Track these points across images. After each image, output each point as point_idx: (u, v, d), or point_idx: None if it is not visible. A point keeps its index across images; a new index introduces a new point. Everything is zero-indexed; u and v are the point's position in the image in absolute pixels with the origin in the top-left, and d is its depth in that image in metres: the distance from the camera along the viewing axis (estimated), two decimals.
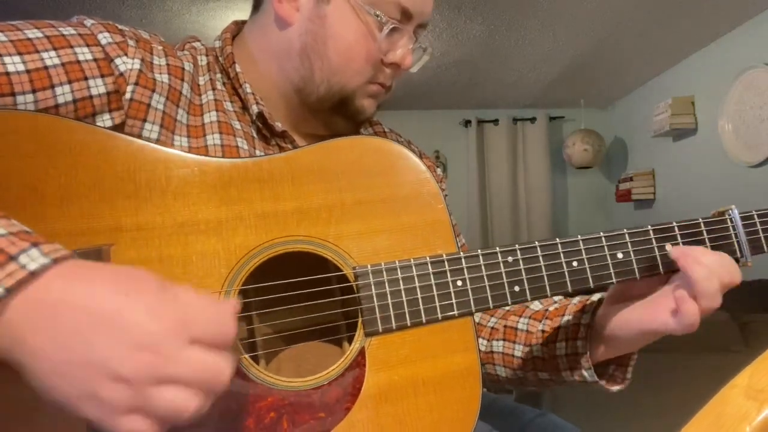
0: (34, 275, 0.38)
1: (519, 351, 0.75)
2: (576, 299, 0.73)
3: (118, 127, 0.60)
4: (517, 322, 0.77)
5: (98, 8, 2.50)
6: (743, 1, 2.61)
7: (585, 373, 0.68)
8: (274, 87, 0.72)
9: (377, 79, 0.72)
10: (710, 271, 0.59)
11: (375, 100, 0.74)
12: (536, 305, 0.78)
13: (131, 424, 0.38)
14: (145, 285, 0.40)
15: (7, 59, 0.53)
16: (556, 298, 0.77)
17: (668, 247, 0.63)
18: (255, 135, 0.70)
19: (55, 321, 0.38)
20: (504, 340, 0.77)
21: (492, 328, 0.79)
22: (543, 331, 0.73)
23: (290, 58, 0.70)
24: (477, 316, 0.81)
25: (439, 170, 0.88)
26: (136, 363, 0.37)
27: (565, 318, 0.71)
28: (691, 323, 0.59)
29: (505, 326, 0.78)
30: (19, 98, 0.54)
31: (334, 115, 0.73)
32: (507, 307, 0.79)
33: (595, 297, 0.71)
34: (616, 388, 0.69)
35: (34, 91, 0.54)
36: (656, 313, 0.62)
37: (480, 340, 0.80)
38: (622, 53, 3.23)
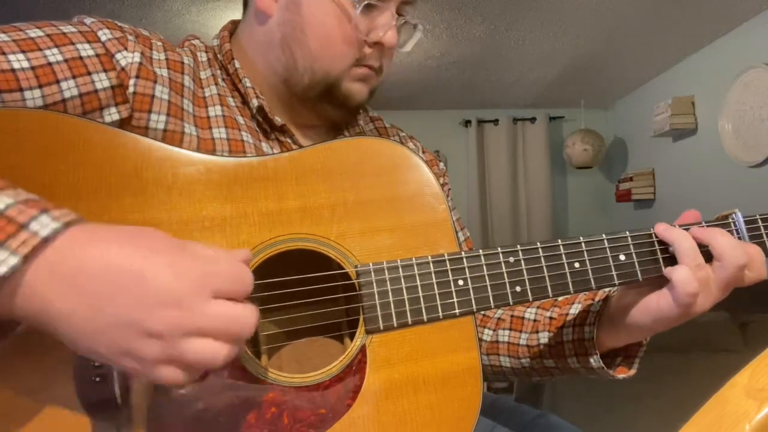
0: (47, 241, 0.39)
1: (524, 339, 0.75)
2: None
3: (126, 121, 0.61)
4: (525, 311, 0.77)
5: (98, 8, 2.50)
6: (743, 1, 2.61)
7: (591, 360, 0.67)
8: (265, 81, 0.73)
9: (363, 62, 0.70)
10: (684, 233, 0.61)
11: (365, 83, 0.72)
12: None
13: (167, 373, 0.40)
14: (162, 243, 0.42)
15: (11, 57, 0.54)
16: None
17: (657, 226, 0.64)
18: (257, 129, 0.71)
19: (78, 286, 0.39)
20: (510, 329, 0.77)
21: (498, 318, 0.79)
22: (551, 318, 0.73)
23: (273, 50, 0.71)
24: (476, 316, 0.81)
25: (441, 164, 0.88)
26: (165, 319, 0.39)
27: (575, 305, 0.71)
28: (687, 291, 0.58)
29: (512, 316, 0.78)
30: (27, 93, 0.54)
31: (324, 103, 0.72)
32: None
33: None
34: (621, 375, 0.68)
35: (40, 86, 0.55)
36: (659, 294, 0.61)
37: (486, 330, 0.80)
38: (622, 53, 3.23)
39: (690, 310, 0.60)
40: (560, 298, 0.75)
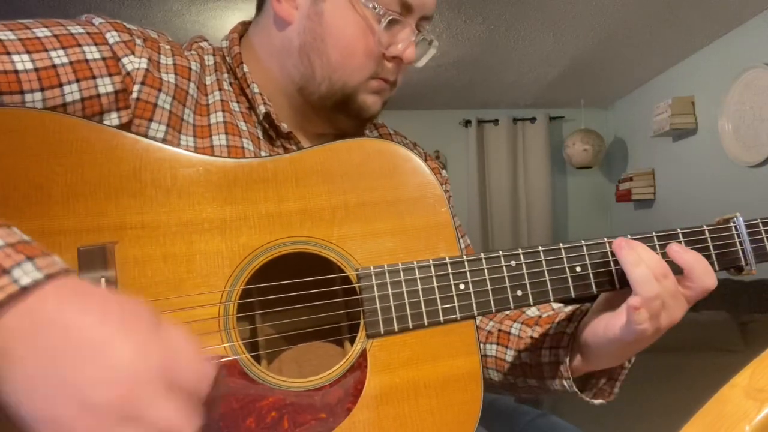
0: (25, 290, 0.37)
1: (510, 356, 0.74)
2: (569, 307, 0.72)
3: (125, 126, 0.60)
4: (511, 326, 0.76)
5: (98, 8, 2.50)
6: (743, 1, 2.61)
7: (564, 383, 0.66)
8: (278, 87, 0.72)
9: (380, 75, 0.70)
10: (639, 256, 0.58)
11: (379, 96, 0.73)
12: (532, 311, 0.76)
13: None
14: (139, 320, 0.40)
15: (15, 57, 0.53)
16: (555, 305, 0.75)
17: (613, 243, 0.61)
18: (261, 136, 0.70)
19: (43, 335, 0.37)
20: (497, 344, 0.76)
21: (488, 332, 0.79)
22: (532, 338, 0.72)
23: (291, 57, 0.70)
24: (476, 319, 0.81)
25: (444, 172, 0.88)
26: (110, 395, 0.37)
27: (554, 325, 0.70)
28: (638, 319, 0.56)
29: (499, 330, 0.77)
30: (28, 96, 0.54)
31: (338, 113, 0.72)
32: (507, 312, 0.78)
33: (585, 305, 0.69)
34: (598, 401, 0.67)
35: (42, 90, 0.54)
36: (617, 318, 0.59)
37: None
38: (622, 53, 3.23)
39: (638, 332, 0.57)
40: (544, 315, 0.74)
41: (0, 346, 0.37)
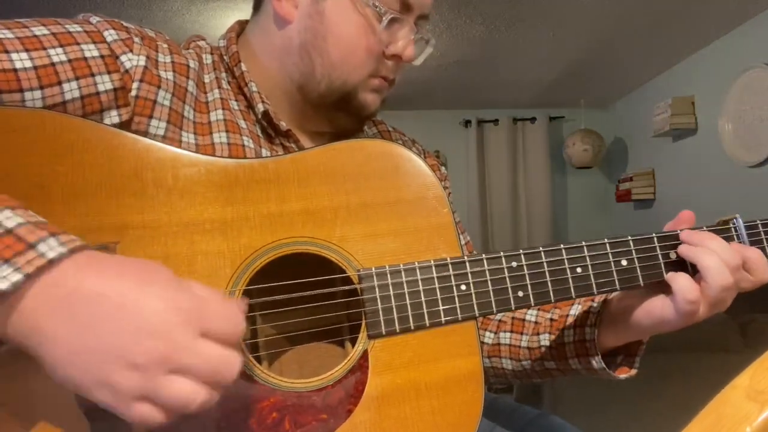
0: (52, 263, 0.39)
1: (525, 341, 0.75)
2: None
3: (126, 124, 0.60)
4: (525, 313, 0.77)
5: (98, 8, 2.50)
6: (743, 1, 2.61)
7: (592, 360, 0.68)
8: (277, 85, 0.72)
9: (379, 73, 0.71)
10: (709, 247, 0.61)
11: (378, 94, 0.73)
12: None
13: (141, 410, 0.39)
14: (159, 276, 0.41)
15: (14, 56, 0.54)
16: None
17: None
18: (259, 134, 0.70)
19: (71, 308, 0.39)
20: (511, 332, 0.77)
21: (500, 320, 0.79)
22: (552, 320, 0.74)
23: (290, 56, 0.70)
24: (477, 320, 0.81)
25: (443, 169, 0.88)
26: (149, 351, 0.38)
27: (575, 306, 0.72)
28: (687, 298, 0.59)
29: (513, 318, 0.78)
30: (27, 95, 0.54)
31: (337, 111, 0.73)
32: None
33: None
34: (623, 375, 0.69)
35: (41, 88, 0.55)
36: (663, 299, 0.62)
37: (487, 333, 0.80)
38: (622, 53, 3.23)
39: (692, 318, 0.61)
40: None
41: (29, 324, 0.39)
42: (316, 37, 0.68)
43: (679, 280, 0.60)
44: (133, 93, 0.60)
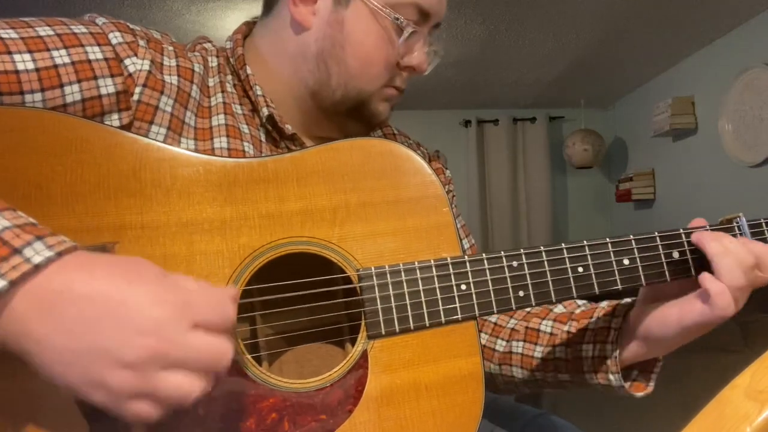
0: (38, 268, 0.39)
1: (539, 352, 0.74)
2: (604, 303, 0.72)
3: (126, 128, 0.60)
4: (540, 323, 0.76)
5: (98, 8, 2.50)
6: (743, 1, 2.61)
7: (611, 377, 0.67)
8: (288, 90, 0.72)
9: (393, 83, 0.72)
10: (725, 247, 0.60)
11: (389, 103, 0.74)
12: (560, 308, 0.77)
13: (138, 408, 0.39)
14: (146, 272, 0.41)
15: (17, 57, 0.53)
16: (580, 301, 0.76)
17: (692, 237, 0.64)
18: (263, 138, 0.70)
19: (60, 311, 0.39)
20: (525, 341, 0.76)
21: (512, 329, 0.78)
22: (569, 332, 0.72)
23: (306, 62, 0.70)
24: (495, 317, 0.81)
25: (447, 172, 0.88)
26: (141, 348, 0.38)
27: (594, 320, 0.71)
28: (722, 304, 0.58)
29: (526, 328, 0.77)
30: (28, 97, 0.54)
31: (349, 118, 0.73)
32: (528, 309, 0.79)
33: (625, 300, 0.70)
34: (640, 393, 0.68)
35: (42, 90, 0.54)
36: (692, 305, 0.61)
37: (498, 340, 0.79)
38: (622, 53, 3.23)
39: (724, 315, 0.60)
40: (577, 311, 0.74)
41: (19, 329, 0.39)
42: (334, 45, 0.68)
43: (715, 286, 0.59)
44: (136, 97, 0.60)
